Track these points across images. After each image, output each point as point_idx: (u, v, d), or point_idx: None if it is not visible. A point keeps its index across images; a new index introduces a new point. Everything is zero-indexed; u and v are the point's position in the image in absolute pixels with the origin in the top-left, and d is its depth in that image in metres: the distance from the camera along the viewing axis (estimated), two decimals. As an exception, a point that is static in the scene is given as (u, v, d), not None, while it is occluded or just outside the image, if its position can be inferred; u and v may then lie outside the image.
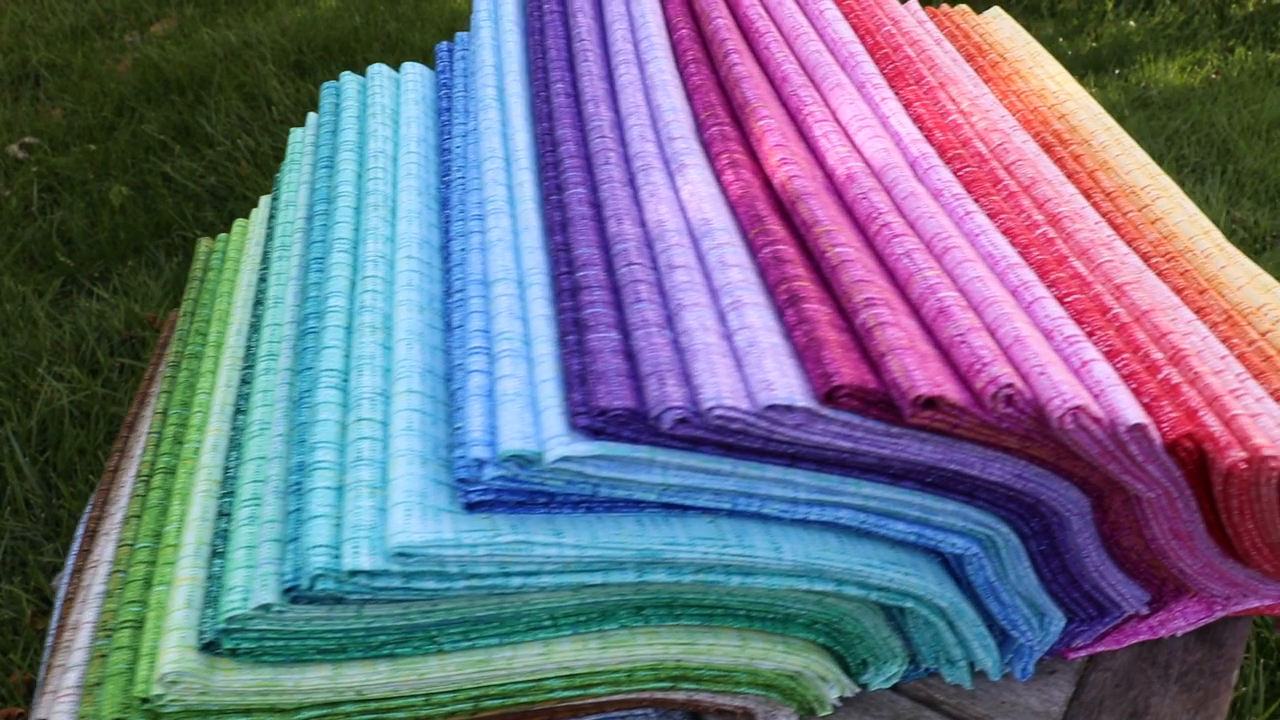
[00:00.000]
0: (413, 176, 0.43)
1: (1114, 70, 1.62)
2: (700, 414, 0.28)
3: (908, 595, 0.35)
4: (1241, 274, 0.40)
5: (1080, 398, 0.28)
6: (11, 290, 1.20)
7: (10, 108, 1.48)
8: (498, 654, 0.34)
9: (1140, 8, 1.77)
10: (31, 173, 1.36)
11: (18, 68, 1.58)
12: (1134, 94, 1.55)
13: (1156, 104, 1.52)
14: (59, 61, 1.60)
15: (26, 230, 1.28)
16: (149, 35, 1.68)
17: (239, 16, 1.75)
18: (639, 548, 0.31)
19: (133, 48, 1.63)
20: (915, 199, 0.35)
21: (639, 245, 0.34)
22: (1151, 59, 1.62)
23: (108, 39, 1.67)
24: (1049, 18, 1.81)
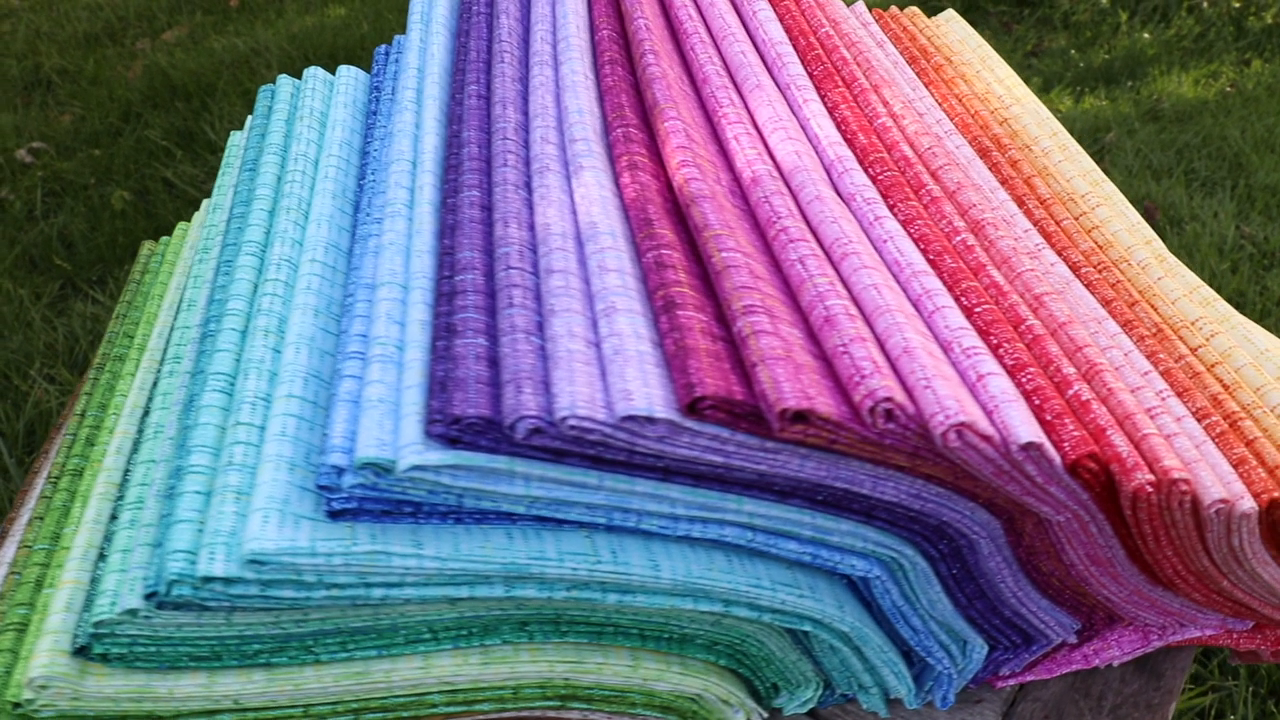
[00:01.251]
0: (330, 180, 0.42)
1: (1126, 83, 1.59)
2: (555, 424, 0.27)
3: (804, 619, 0.33)
4: (1179, 286, 0.38)
5: (967, 414, 0.27)
6: (10, 293, 1.21)
7: (21, 113, 1.51)
8: (376, 666, 0.33)
9: (1155, 20, 1.74)
10: (37, 177, 1.38)
11: (31, 74, 1.61)
12: (1145, 107, 1.52)
13: (1168, 116, 1.48)
14: (71, 68, 1.62)
15: (28, 234, 1.30)
16: (160, 42, 1.70)
17: (249, 24, 1.77)
18: (504, 562, 0.30)
19: (143, 54, 1.65)
20: (820, 203, 0.34)
21: (521, 249, 0.32)
22: (1164, 71, 1.59)
23: (120, 46, 1.69)
24: (1062, 29, 1.79)
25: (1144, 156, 1.41)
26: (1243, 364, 0.35)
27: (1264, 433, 0.32)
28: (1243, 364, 0.35)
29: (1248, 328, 0.37)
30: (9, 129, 1.44)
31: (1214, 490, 0.29)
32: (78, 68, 1.62)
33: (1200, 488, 0.30)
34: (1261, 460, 0.31)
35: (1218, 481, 0.30)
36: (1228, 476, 0.30)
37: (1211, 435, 0.32)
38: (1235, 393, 0.34)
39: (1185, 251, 1.21)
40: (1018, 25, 1.85)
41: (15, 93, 1.56)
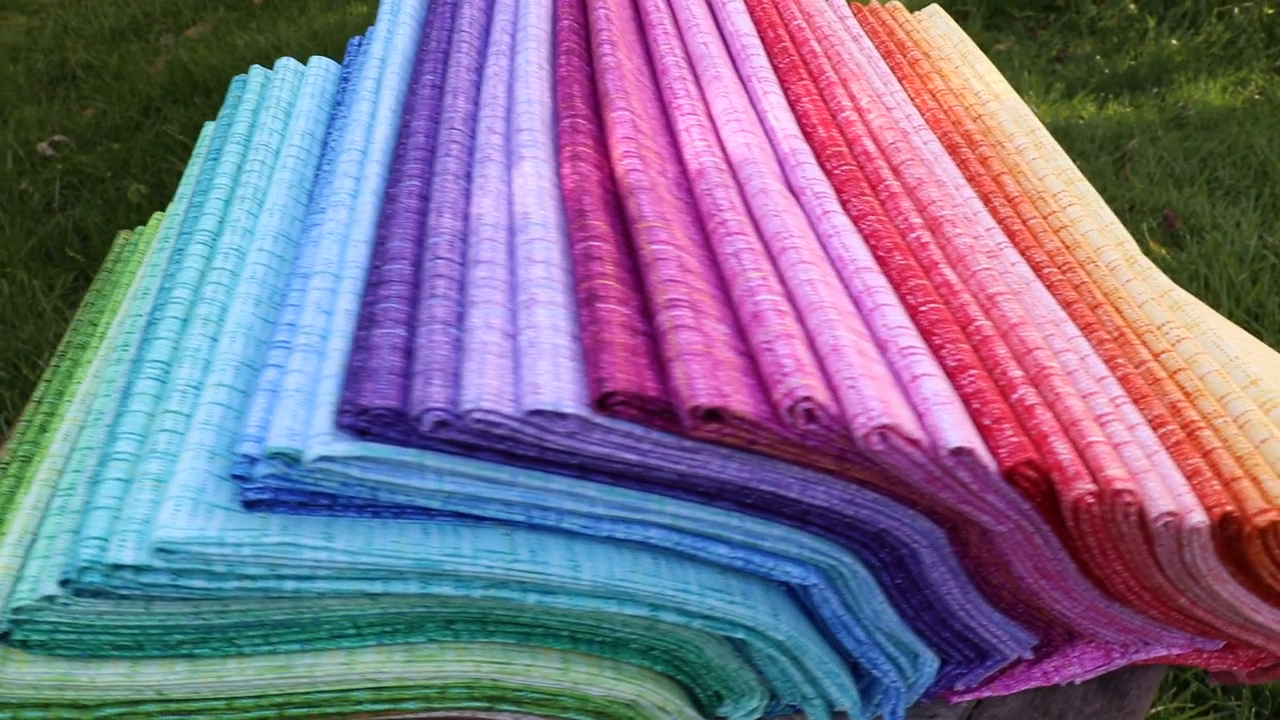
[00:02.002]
0: (287, 170, 0.42)
1: (1151, 89, 1.56)
2: (460, 416, 0.26)
3: (736, 626, 0.32)
4: (1148, 289, 0.36)
5: (892, 415, 0.26)
6: (24, 283, 1.23)
7: (45, 106, 1.53)
8: (299, 660, 0.32)
9: (1184, 26, 1.70)
10: (56, 170, 1.40)
11: (56, 68, 1.63)
12: (1170, 114, 1.48)
13: (1193, 124, 1.45)
14: (95, 63, 1.64)
15: (45, 225, 1.31)
16: (184, 38, 1.72)
17: (272, 21, 1.79)
18: (417, 557, 0.29)
19: (167, 50, 1.67)
20: (765, 196, 0.33)
21: (452, 239, 0.32)
22: (1191, 79, 1.55)
23: (144, 41, 1.71)
24: (1088, 35, 1.75)
25: (1166, 164, 1.37)
26: (1208, 371, 0.33)
27: (1223, 443, 0.31)
28: (1208, 371, 0.33)
29: (1219, 333, 0.35)
30: (32, 122, 1.46)
31: (1161, 502, 0.28)
32: (102, 62, 1.64)
33: (1147, 499, 0.28)
34: (1217, 472, 0.30)
35: (1166, 493, 0.28)
36: (1178, 488, 0.29)
37: (1166, 445, 0.30)
38: (1197, 401, 0.32)
39: (1205, 260, 1.18)
40: (1043, 30, 1.82)
41: (41, 86, 1.58)
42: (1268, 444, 0.31)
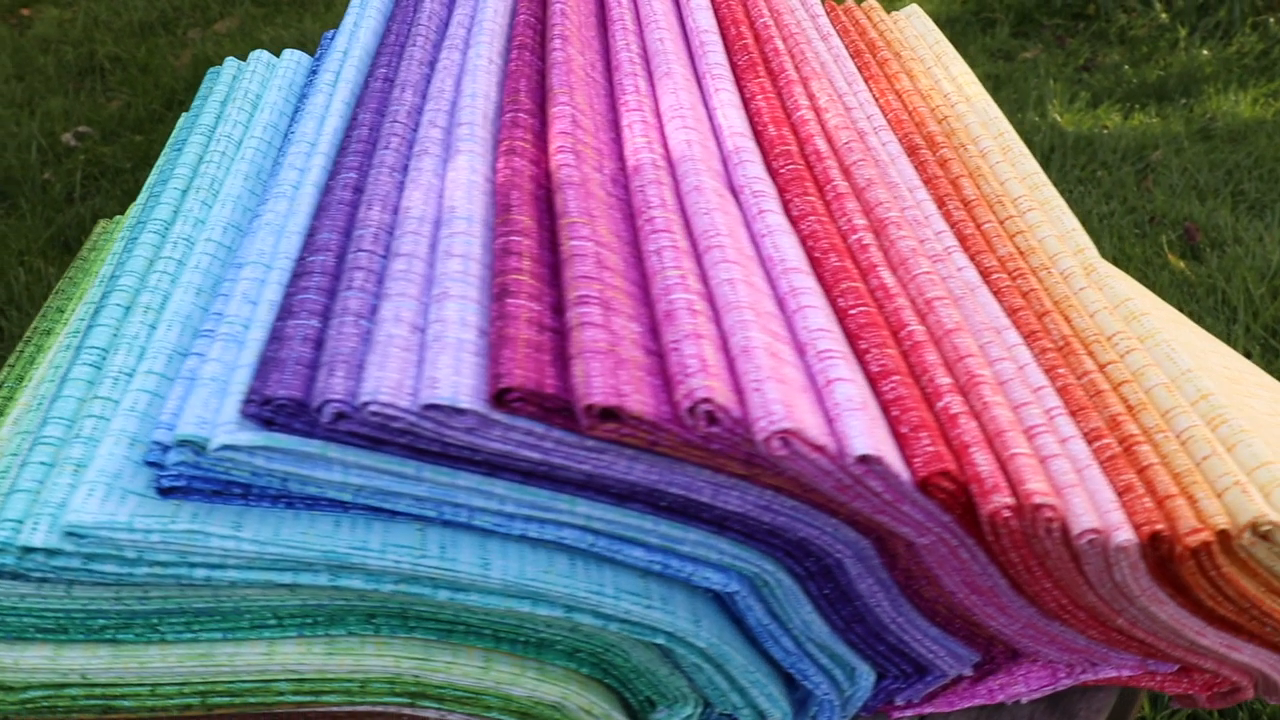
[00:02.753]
0: (246, 161, 0.42)
1: (1179, 100, 1.52)
2: (358, 408, 0.26)
3: (655, 631, 0.32)
4: (1102, 299, 0.35)
5: (794, 420, 0.25)
6: (40, 271, 1.25)
7: (72, 98, 1.56)
8: (220, 649, 0.32)
9: (1217, 36, 1.66)
10: (79, 160, 1.42)
11: (85, 60, 1.66)
12: (1197, 125, 1.45)
13: (1220, 135, 1.42)
14: (123, 56, 1.67)
15: (64, 215, 1.34)
16: (210, 33, 1.74)
17: (298, 16, 1.80)
18: (324, 550, 0.29)
19: (193, 44, 1.69)
20: (698, 194, 0.32)
21: (378, 232, 0.31)
22: (1220, 90, 1.52)
23: (172, 35, 1.74)
24: (1117, 45, 1.72)
25: (1190, 176, 1.34)
26: (1155, 384, 0.32)
27: (1161, 459, 0.30)
28: (1155, 384, 0.32)
29: (1174, 345, 0.34)
30: (58, 113, 1.49)
31: (1085, 519, 0.27)
32: (130, 55, 1.67)
33: (1070, 516, 0.27)
34: (1151, 489, 0.29)
35: (1092, 510, 0.27)
36: (1107, 505, 0.28)
37: (1100, 459, 0.29)
38: (1139, 414, 0.31)
39: (1223, 275, 1.16)
40: (1071, 39, 1.79)
41: (69, 78, 1.61)
42: (1209, 461, 0.30)
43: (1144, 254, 1.22)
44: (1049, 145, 1.47)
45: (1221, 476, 0.29)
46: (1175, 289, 1.17)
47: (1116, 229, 1.27)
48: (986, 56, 1.81)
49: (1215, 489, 0.29)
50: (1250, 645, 0.35)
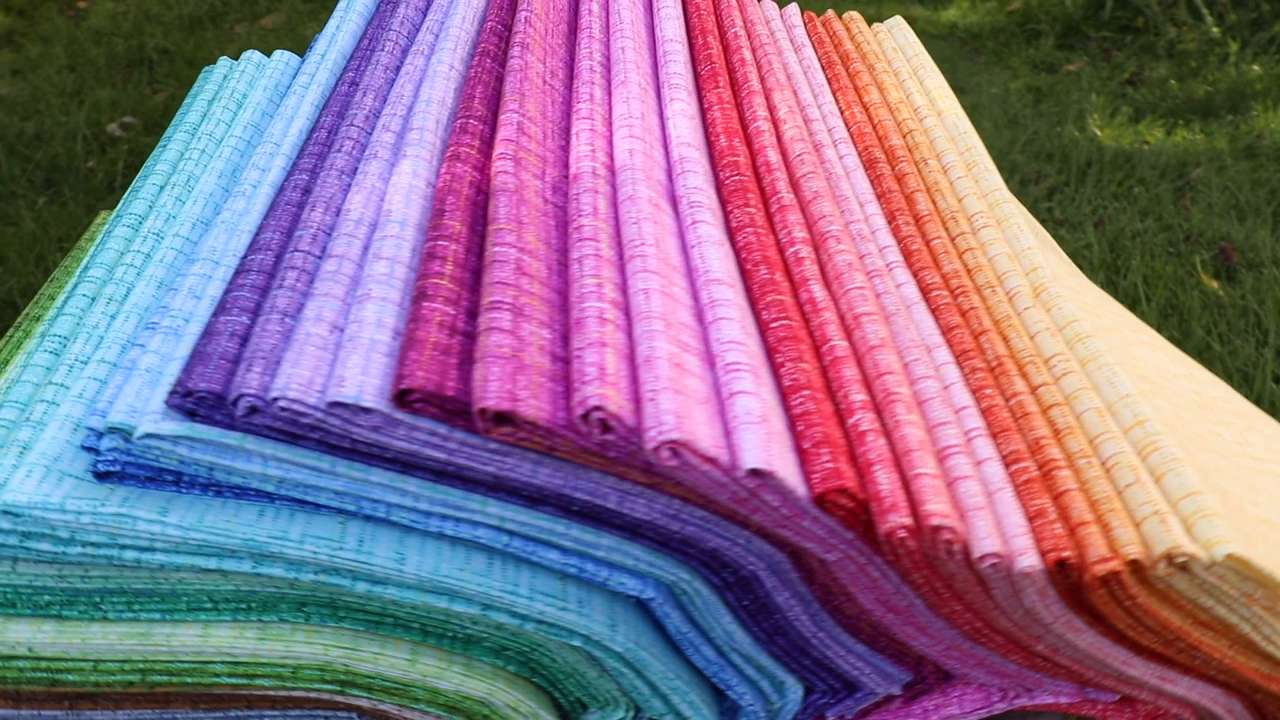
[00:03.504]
0: (222, 159, 0.43)
1: (1225, 117, 1.48)
2: (270, 403, 0.27)
3: (570, 633, 0.32)
4: (1046, 319, 0.35)
5: (684, 431, 0.25)
6: (81, 255, 1.29)
7: (120, 89, 1.61)
8: (158, 629, 0.33)
9: (1270, 52, 1.62)
10: (122, 150, 1.47)
11: (135, 52, 1.71)
12: (1243, 143, 1.41)
13: (1265, 154, 1.38)
14: (171, 49, 1.72)
15: (105, 203, 1.38)
16: (257, 28, 1.78)
17: (342, 16, 1.84)
18: (245, 538, 0.30)
19: (239, 39, 1.74)
20: (631, 203, 0.33)
21: (316, 233, 0.32)
22: (1270, 107, 1.47)
23: (219, 29, 1.78)
24: (1165, 58, 1.68)
25: (1231, 195, 1.31)
26: (1088, 408, 0.32)
27: (1080, 485, 0.29)
28: (1088, 408, 0.32)
29: (1116, 369, 0.33)
30: (105, 103, 1.54)
31: (987, 542, 0.27)
32: (178, 48, 1.71)
33: (973, 539, 0.27)
34: (1065, 515, 0.28)
35: (997, 534, 0.27)
36: (1014, 530, 0.28)
37: (1015, 483, 0.29)
38: (1065, 438, 0.31)
39: (1256, 297, 1.12)
40: (1118, 52, 1.75)
41: (118, 70, 1.66)
42: (1131, 489, 0.29)
43: (1175, 273, 1.19)
44: (1086, 160, 1.44)
45: (1142, 505, 0.29)
46: (1206, 310, 1.14)
47: (1149, 247, 1.24)
48: (1029, 68, 1.78)
49: (1134, 517, 0.29)
50: (1186, 678, 0.34)
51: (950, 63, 1.84)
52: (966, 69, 1.81)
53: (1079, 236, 1.29)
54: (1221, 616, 0.31)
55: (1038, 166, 1.46)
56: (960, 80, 1.76)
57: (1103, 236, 1.27)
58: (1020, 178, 1.44)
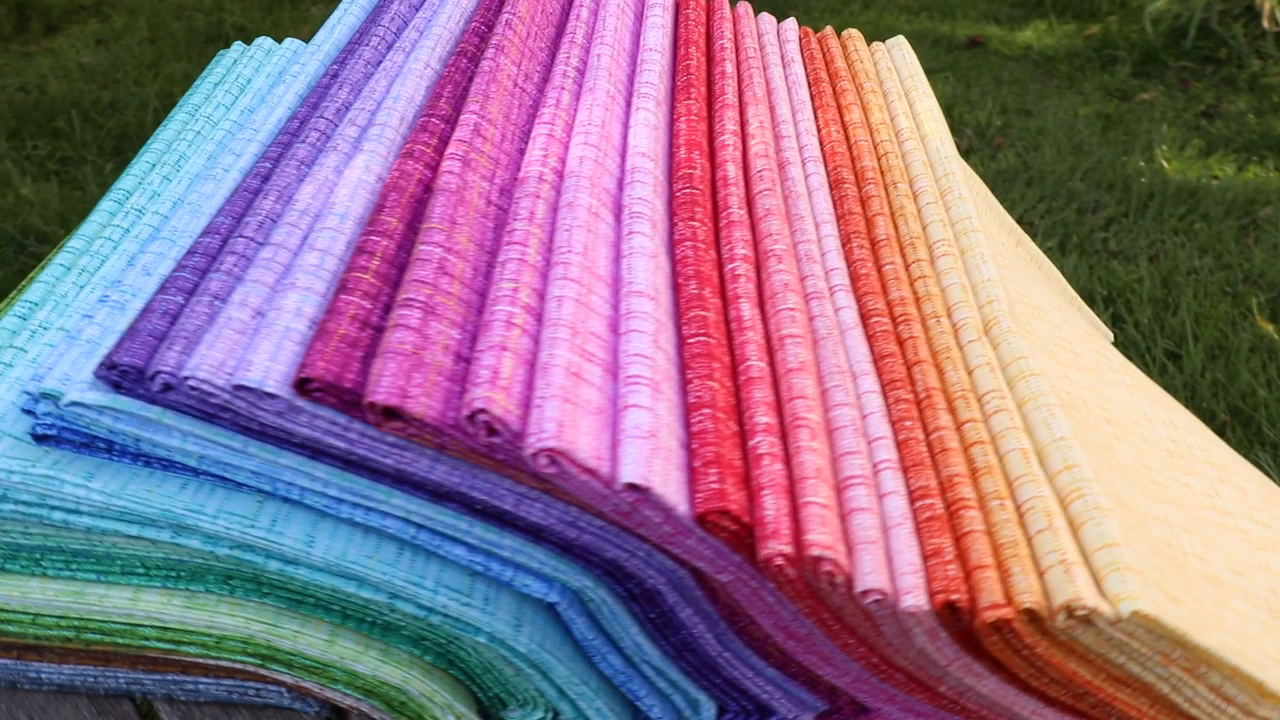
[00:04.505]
0: (213, 142, 0.45)
1: (1302, 153, 1.42)
2: (182, 382, 0.28)
3: (475, 629, 0.32)
4: (989, 354, 0.34)
5: (564, 440, 0.25)
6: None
7: (194, 63, 1.66)
8: (92, 589, 0.35)
9: (1359, 86, 1.54)
10: (192, 124, 1.52)
11: (214, 28, 1.77)
12: (1317, 181, 1.35)
13: (1339, 195, 1.31)
14: (249, 26, 1.78)
15: (171, 173, 1.43)
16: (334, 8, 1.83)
17: None
18: (163, 508, 0.31)
19: (314, 20, 1.78)
20: (569, 210, 0.33)
21: (263, 220, 0.33)
22: (1351, 145, 1.41)
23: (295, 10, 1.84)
24: (1246, 91, 1.62)
25: (1298, 236, 1.25)
26: (1012, 448, 0.31)
27: (986, 527, 0.28)
28: (1012, 448, 0.31)
29: (1054, 410, 0.32)
30: (180, 76, 1.60)
31: (870, 578, 0.26)
32: (255, 26, 1.77)
33: (857, 573, 0.27)
34: (963, 556, 0.28)
35: (883, 569, 0.27)
36: (904, 567, 0.27)
37: (917, 519, 0.28)
38: (981, 478, 0.30)
39: (1311, 346, 1.07)
40: (1196, 83, 1.69)
41: (196, 44, 1.72)
42: (1042, 535, 0.29)
43: (1228, 314, 1.14)
44: (1148, 192, 1.40)
45: (1049, 553, 0.28)
46: (1256, 354, 1.09)
47: (1203, 285, 1.19)
48: (1101, 94, 1.73)
49: (1040, 565, 0.28)
50: (1105, 735, 0.33)
51: (1020, 84, 1.80)
52: (1037, 92, 1.77)
53: (1131, 269, 1.25)
54: (1136, 674, 0.30)
55: (1097, 195, 1.42)
56: (1029, 103, 1.72)
57: (1156, 271, 1.23)
58: (1078, 206, 1.40)
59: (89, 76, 1.63)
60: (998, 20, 2.09)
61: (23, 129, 1.49)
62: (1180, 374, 1.07)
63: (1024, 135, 1.60)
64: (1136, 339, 1.14)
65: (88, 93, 1.55)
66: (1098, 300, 1.20)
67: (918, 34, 2.01)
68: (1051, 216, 1.38)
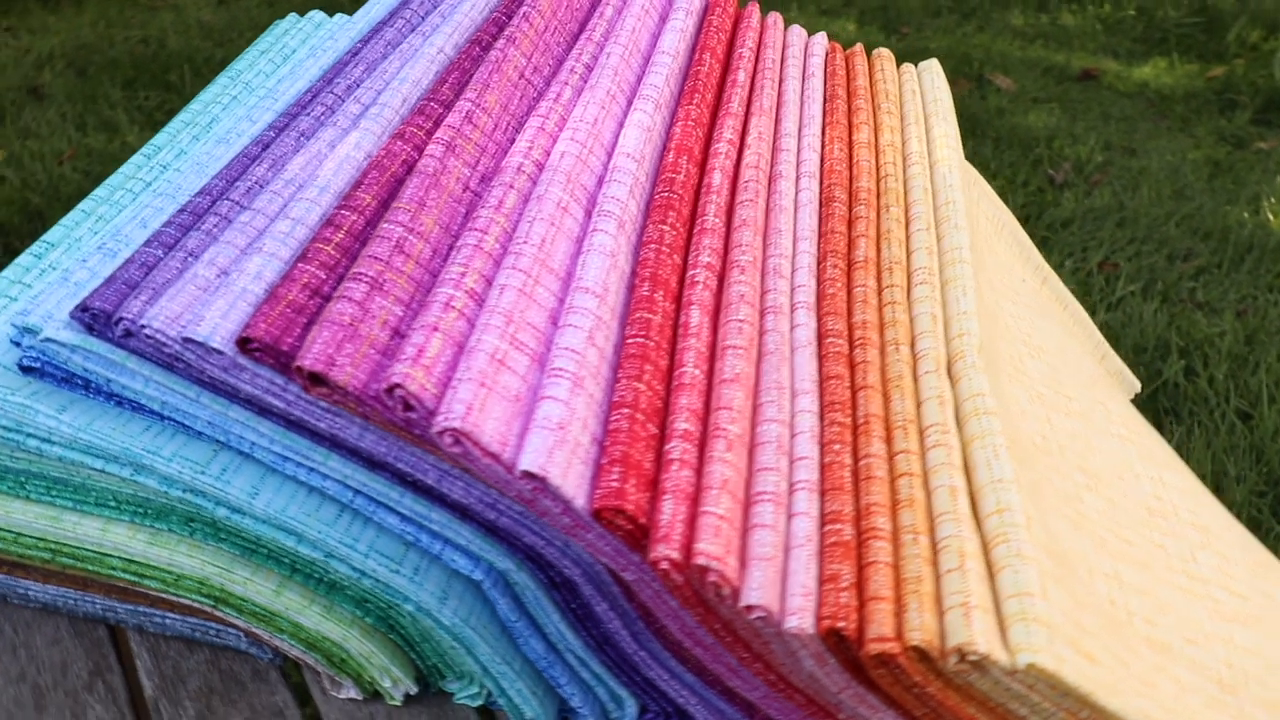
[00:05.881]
0: (245, 107, 0.47)
1: None
2: (140, 329, 0.29)
3: (405, 597, 0.33)
4: (941, 388, 0.33)
5: (470, 423, 0.26)
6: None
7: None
8: (67, 516, 0.37)
9: None
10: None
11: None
12: None
13: None
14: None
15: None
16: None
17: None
18: (124, 446, 0.33)
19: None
20: (538, 202, 0.34)
21: (251, 186, 0.35)
22: None
23: None
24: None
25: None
26: (941, 485, 0.30)
27: (893, 560, 0.28)
28: (941, 485, 0.30)
29: (999, 452, 0.32)
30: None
31: (756, 593, 0.26)
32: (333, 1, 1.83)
33: (744, 587, 0.27)
34: (860, 586, 0.27)
35: (771, 587, 0.27)
36: (796, 589, 0.27)
37: (823, 543, 0.28)
38: (901, 510, 0.29)
39: (1399, 424, 1.00)
40: (1321, 129, 1.59)
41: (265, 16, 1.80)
42: (950, 575, 0.28)
43: (1311, 380, 1.08)
44: (1247, 245, 1.33)
45: (953, 594, 0.28)
46: (1335, 425, 1.03)
47: (1290, 347, 1.13)
48: (1214, 140, 1.65)
49: (942, 605, 0.28)
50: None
51: (1129, 122, 1.73)
52: (1146, 131, 1.70)
53: (1214, 323, 1.19)
54: (1043, 730, 0.29)
55: (1191, 243, 1.35)
56: (1135, 142, 1.65)
57: (1242, 327, 1.17)
58: (1169, 252, 1.34)
59: (206, 34, 1.72)
60: (1116, 54, 2.02)
61: (138, 79, 1.58)
62: (1250, 435, 1.01)
63: (1124, 174, 1.54)
64: (1208, 394, 1.09)
65: (203, 49, 1.63)
66: (1172, 350, 1.15)
67: (1029, 62, 1.95)
68: (1139, 260, 1.33)
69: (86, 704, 0.40)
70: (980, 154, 1.58)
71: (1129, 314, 1.23)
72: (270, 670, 0.41)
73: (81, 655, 0.41)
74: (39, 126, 1.50)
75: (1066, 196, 1.48)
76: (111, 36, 1.78)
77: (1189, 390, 1.10)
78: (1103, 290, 1.27)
